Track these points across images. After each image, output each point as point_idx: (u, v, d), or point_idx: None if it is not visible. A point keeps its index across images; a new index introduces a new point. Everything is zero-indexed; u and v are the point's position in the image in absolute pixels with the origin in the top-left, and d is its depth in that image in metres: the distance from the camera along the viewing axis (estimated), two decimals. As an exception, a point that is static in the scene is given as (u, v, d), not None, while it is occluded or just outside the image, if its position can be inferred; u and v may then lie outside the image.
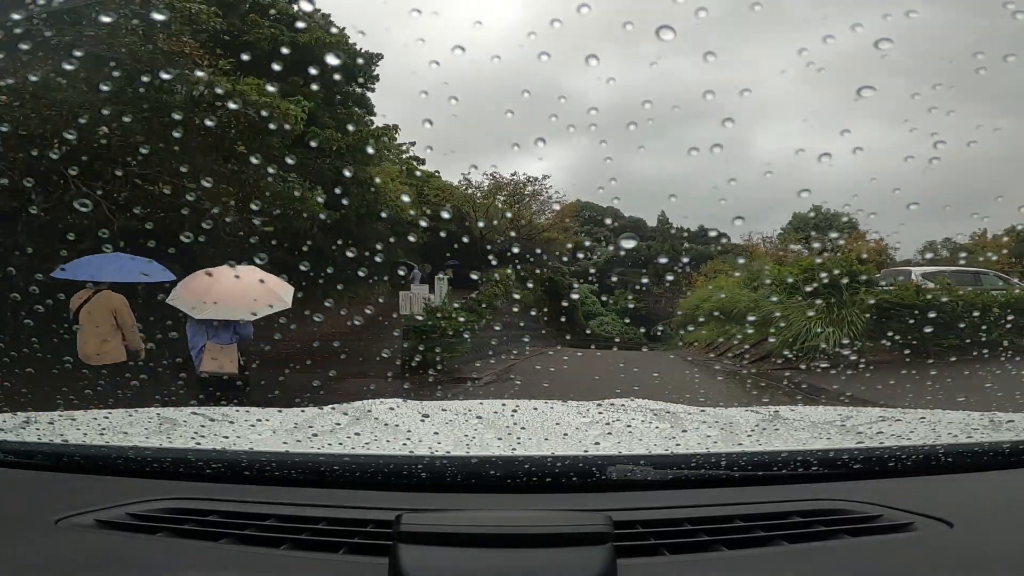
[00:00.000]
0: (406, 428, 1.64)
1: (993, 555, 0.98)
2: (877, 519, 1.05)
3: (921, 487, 1.21)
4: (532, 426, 1.61)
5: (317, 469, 1.18)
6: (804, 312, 11.79)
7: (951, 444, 1.33)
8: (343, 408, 1.94)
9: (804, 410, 1.96)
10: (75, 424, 1.55)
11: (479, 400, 2.15)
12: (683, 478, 1.17)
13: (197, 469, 1.19)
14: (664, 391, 7.28)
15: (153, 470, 1.20)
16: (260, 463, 1.18)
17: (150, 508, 1.07)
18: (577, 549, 0.87)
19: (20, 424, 1.48)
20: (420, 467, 1.14)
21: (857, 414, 1.84)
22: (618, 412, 1.83)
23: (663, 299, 34.45)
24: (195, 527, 1.02)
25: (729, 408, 2.01)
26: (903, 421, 1.66)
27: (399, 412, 1.88)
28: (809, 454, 1.21)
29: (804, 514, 1.06)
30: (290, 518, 1.04)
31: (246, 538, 0.99)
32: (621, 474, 1.14)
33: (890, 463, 1.22)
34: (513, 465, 1.14)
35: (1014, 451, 1.27)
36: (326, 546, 0.98)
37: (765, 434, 1.60)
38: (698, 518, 1.05)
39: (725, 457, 1.20)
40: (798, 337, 11.48)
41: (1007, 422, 1.55)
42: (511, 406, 1.92)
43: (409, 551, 0.85)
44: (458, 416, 1.81)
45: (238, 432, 1.55)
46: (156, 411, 1.76)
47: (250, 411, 1.84)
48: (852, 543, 1.00)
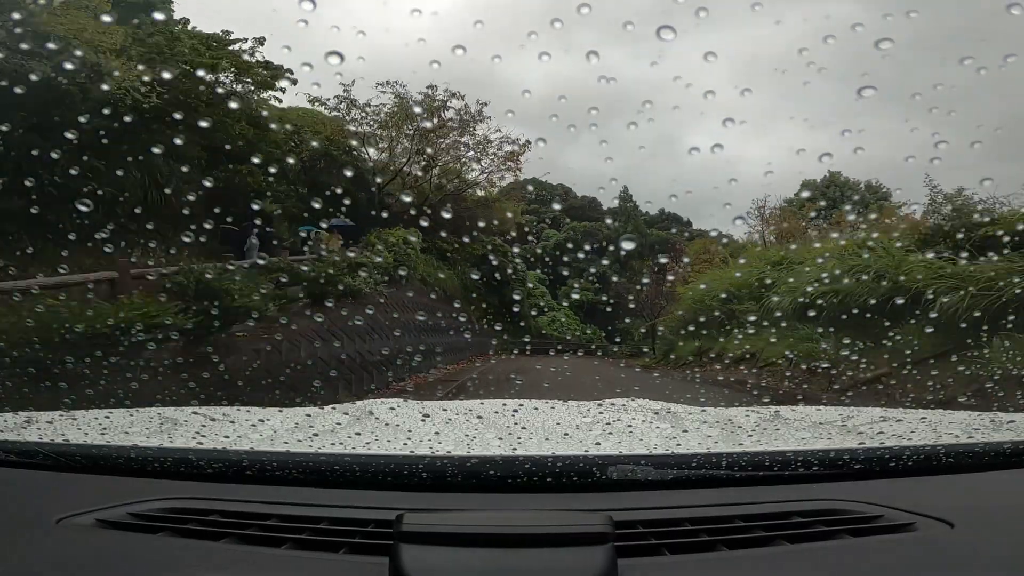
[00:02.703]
0: (407, 428, 1.65)
1: (994, 555, 0.98)
2: (878, 519, 1.05)
3: (922, 487, 1.21)
4: (533, 426, 1.61)
5: (318, 469, 1.18)
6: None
7: (952, 444, 1.33)
8: (344, 408, 1.94)
9: (805, 410, 1.96)
10: (76, 424, 1.55)
11: (479, 400, 2.16)
12: (684, 478, 1.17)
13: (198, 469, 1.19)
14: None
15: (154, 470, 1.20)
16: (261, 463, 1.18)
17: (151, 508, 1.08)
18: (578, 549, 0.87)
19: (21, 424, 1.48)
20: (421, 467, 1.14)
21: (858, 414, 1.84)
22: (619, 412, 1.83)
23: (632, 291, 27.50)
24: (196, 527, 1.02)
25: (730, 408, 2.01)
26: (904, 421, 1.67)
27: (400, 412, 1.89)
28: (810, 454, 1.21)
29: (805, 514, 1.06)
30: (291, 518, 1.04)
31: (247, 538, 1.00)
32: (622, 474, 1.14)
33: (891, 463, 1.22)
34: (514, 465, 1.14)
35: (1015, 451, 1.27)
36: (327, 546, 0.98)
37: (766, 434, 1.60)
38: (699, 518, 1.05)
39: (726, 457, 1.20)
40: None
41: (1008, 422, 1.55)
42: (512, 406, 1.92)
43: (410, 551, 0.85)
44: (459, 416, 1.81)
45: (239, 432, 1.55)
46: (157, 411, 1.76)
47: (251, 411, 1.84)
48: (853, 543, 1.00)
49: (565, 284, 36.11)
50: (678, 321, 16.99)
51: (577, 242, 37.18)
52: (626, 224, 36.10)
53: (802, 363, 9.86)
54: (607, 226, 38.12)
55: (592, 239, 38.06)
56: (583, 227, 40.86)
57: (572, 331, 29.98)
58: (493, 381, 11.37)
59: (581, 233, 39.78)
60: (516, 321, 23.64)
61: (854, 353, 8.07)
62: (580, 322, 33.28)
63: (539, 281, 34.37)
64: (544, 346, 22.54)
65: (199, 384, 6.37)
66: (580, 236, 39.16)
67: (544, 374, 10.08)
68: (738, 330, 12.29)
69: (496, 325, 20.86)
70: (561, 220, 43.20)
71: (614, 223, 37.96)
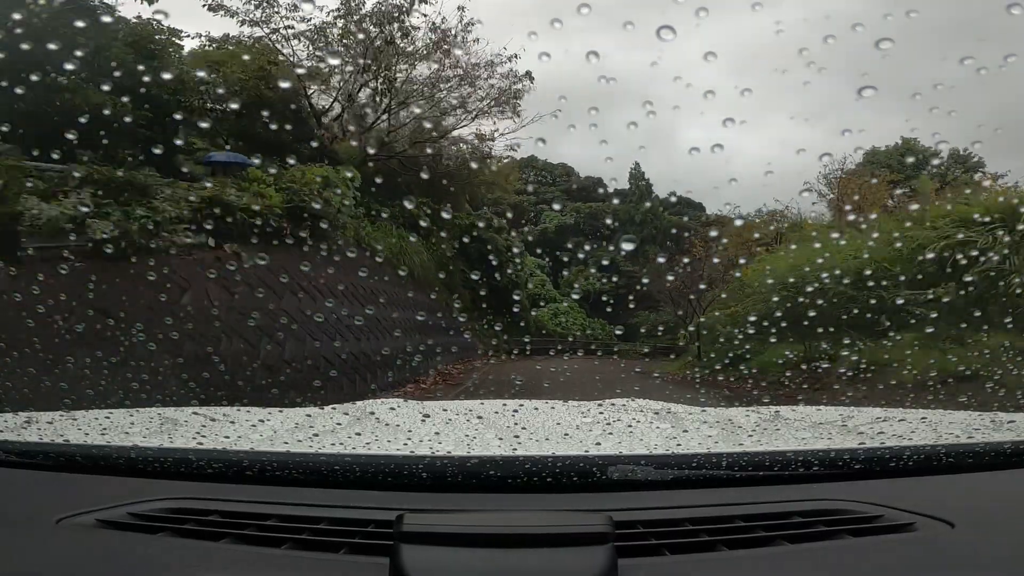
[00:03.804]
0: (407, 428, 1.65)
1: (994, 555, 0.98)
2: (878, 519, 1.05)
3: (922, 487, 1.21)
4: (533, 426, 1.61)
5: (318, 469, 1.18)
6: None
7: (952, 444, 1.33)
8: (344, 408, 1.94)
9: (805, 410, 1.96)
10: (76, 424, 1.55)
11: (480, 400, 2.16)
12: (684, 478, 1.17)
13: (198, 469, 1.19)
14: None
15: (154, 470, 1.20)
16: (261, 463, 1.18)
17: (151, 508, 1.08)
18: (578, 549, 0.87)
19: (21, 424, 1.48)
20: (421, 467, 1.14)
21: (858, 414, 1.84)
22: (619, 412, 1.83)
23: (650, 278, 20.53)
24: (196, 527, 1.02)
25: (730, 408, 2.02)
26: (904, 421, 1.67)
27: (400, 412, 1.89)
28: (810, 454, 1.21)
29: (805, 514, 1.06)
30: (291, 518, 1.04)
31: (247, 538, 1.00)
32: (622, 474, 1.14)
33: (891, 463, 1.22)
34: (514, 465, 1.14)
35: (1015, 451, 1.27)
36: (327, 546, 0.98)
37: (766, 434, 1.60)
38: (699, 518, 1.05)
39: (726, 457, 1.20)
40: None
41: (1008, 422, 1.55)
42: (512, 406, 1.93)
43: (410, 551, 0.85)
44: (459, 416, 1.81)
45: (239, 432, 1.55)
46: (157, 411, 1.76)
47: (251, 411, 1.84)
48: (853, 543, 1.00)
49: (568, 272, 31.57)
50: (740, 315, 11.24)
51: (581, 225, 33.35)
52: (639, 204, 31.37)
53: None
54: (616, 207, 33.00)
55: (594, 224, 33.83)
56: (588, 208, 36.58)
57: (579, 327, 25.32)
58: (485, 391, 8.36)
59: (585, 215, 35.55)
60: (511, 313, 18.47)
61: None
62: (586, 316, 28.55)
63: (539, 268, 29.20)
64: (544, 345, 18.85)
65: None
66: (584, 218, 34.97)
67: (554, 386, 7.81)
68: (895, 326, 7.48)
69: (487, 320, 16.05)
70: (562, 201, 38.44)
71: (628, 200, 32.82)
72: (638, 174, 33.01)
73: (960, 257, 7.57)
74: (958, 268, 7.53)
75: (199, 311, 7.82)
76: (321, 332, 9.79)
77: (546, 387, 7.26)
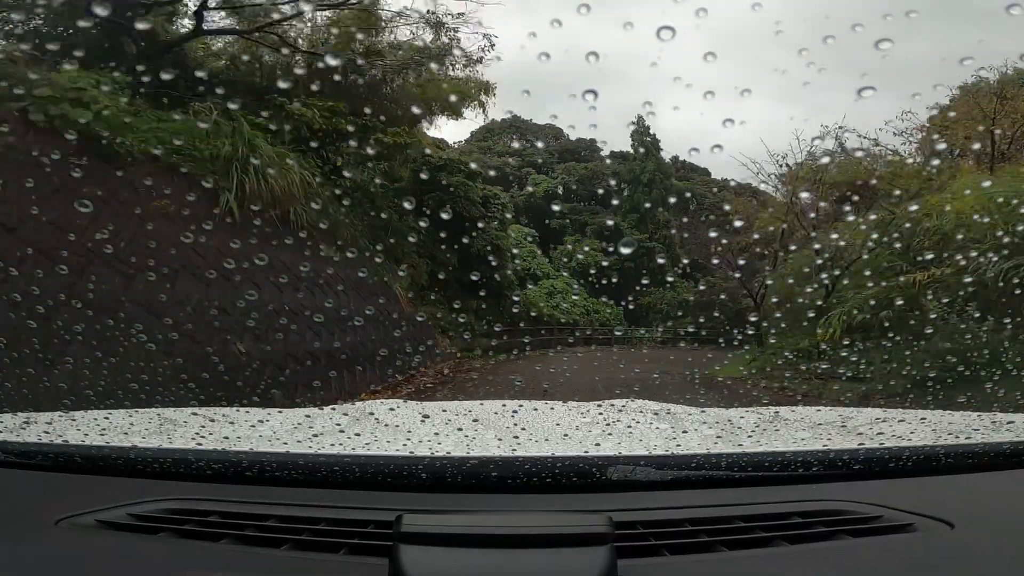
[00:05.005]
0: (406, 429, 1.65)
1: (994, 556, 0.98)
2: (877, 519, 1.05)
3: (921, 487, 1.21)
4: (532, 427, 1.61)
5: (317, 470, 1.18)
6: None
7: (951, 445, 1.33)
8: (343, 409, 1.94)
9: (804, 411, 1.96)
10: (76, 424, 1.55)
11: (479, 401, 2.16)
12: (683, 479, 1.17)
13: (198, 469, 1.19)
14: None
15: (154, 470, 1.20)
16: (261, 463, 1.18)
17: (151, 508, 1.08)
18: (578, 550, 0.87)
19: (20, 424, 1.48)
20: (420, 468, 1.14)
21: (857, 414, 1.84)
22: (618, 413, 1.83)
23: (665, 252, 16.96)
24: (196, 527, 1.02)
25: (729, 409, 2.02)
26: (904, 422, 1.67)
27: (399, 413, 1.89)
28: (809, 455, 1.22)
29: (804, 514, 1.06)
30: (291, 518, 1.04)
31: (247, 538, 1.00)
32: (621, 475, 1.14)
33: (890, 464, 1.22)
34: (513, 466, 1.14)
35: (1014, 452, 1.27)
36: (326, 546, 0.98)
37: (766, 435, 1.61)
38: (699, 519, 1.05)
39: (726, 458, 1.20)
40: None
41: (1007, 423, 1.55)
42: (511, 407, 1.93)
43: (409, 552, 0.85)
44: (458, 417, 1.81)
45: (239, 433, 1.55)
46: (157, 411, 1.76)
47: (251, 411, 1.84)
48: (853, 543, 1.00)
49: (560, 243, 25.57)
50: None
51: (574, 188, 27.03)
52: (645, 163, 26.04)
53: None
54: (618, 166, 26.97)
55: (589, 189, 27.45)
56: (584, 169, 30.19)
57: (580, 309, 20.37)
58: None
59: (581, 176, 29.09)
60: (492, 294, 12.74)
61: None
62: (587, 295, 23.05)
63: (526, 238, 22.84)
64: (536, 334, 14.72)
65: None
66: (579, 180, 28.55)
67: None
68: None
69: (455, 305, 10.46)
70: (550, 163, 31.45)
71: (633, 157, 27.21)
72: (642, 129, 27.29)
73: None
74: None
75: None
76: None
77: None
